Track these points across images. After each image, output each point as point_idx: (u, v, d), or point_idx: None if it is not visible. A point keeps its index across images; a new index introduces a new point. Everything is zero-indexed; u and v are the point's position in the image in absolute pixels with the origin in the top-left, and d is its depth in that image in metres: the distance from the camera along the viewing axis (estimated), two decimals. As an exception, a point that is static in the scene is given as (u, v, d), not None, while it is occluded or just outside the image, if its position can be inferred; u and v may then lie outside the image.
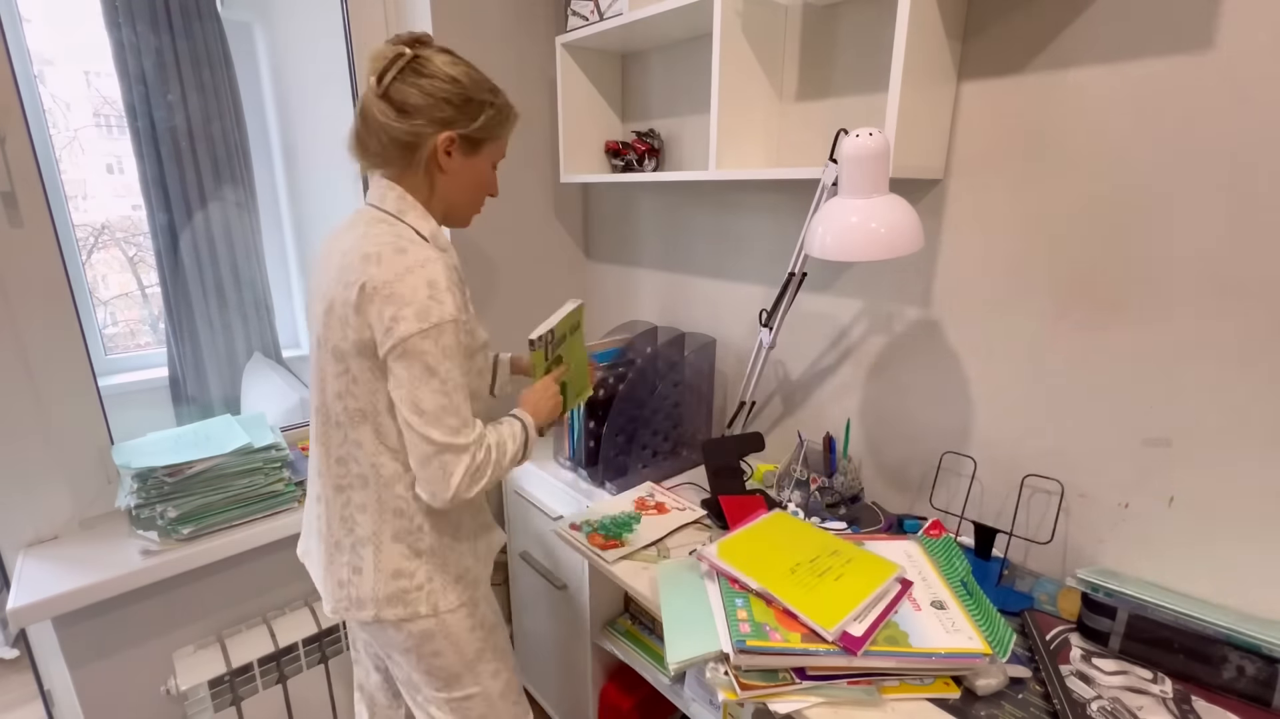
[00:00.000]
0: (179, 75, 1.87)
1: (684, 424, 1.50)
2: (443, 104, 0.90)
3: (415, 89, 0.89)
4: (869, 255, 0.95)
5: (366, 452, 0.93)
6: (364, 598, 0.95)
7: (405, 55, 0.89)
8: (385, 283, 0.84)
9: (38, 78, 1.81)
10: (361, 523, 0.95)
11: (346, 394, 0.91)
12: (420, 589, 0.96)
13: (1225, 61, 0.83)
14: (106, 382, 1.98)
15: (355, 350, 0.88)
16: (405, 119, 0.90)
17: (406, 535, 0.95)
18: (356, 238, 0.90)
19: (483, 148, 0.97)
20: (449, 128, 0.91)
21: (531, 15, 1.61)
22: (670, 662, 0.86)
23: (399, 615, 0.95)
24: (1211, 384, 0.90)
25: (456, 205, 1.00)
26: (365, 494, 0.94)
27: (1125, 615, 0.88)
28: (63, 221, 1.87)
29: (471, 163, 0.96)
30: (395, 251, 0.86)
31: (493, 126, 0.95)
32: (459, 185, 0.97)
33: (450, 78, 0.90)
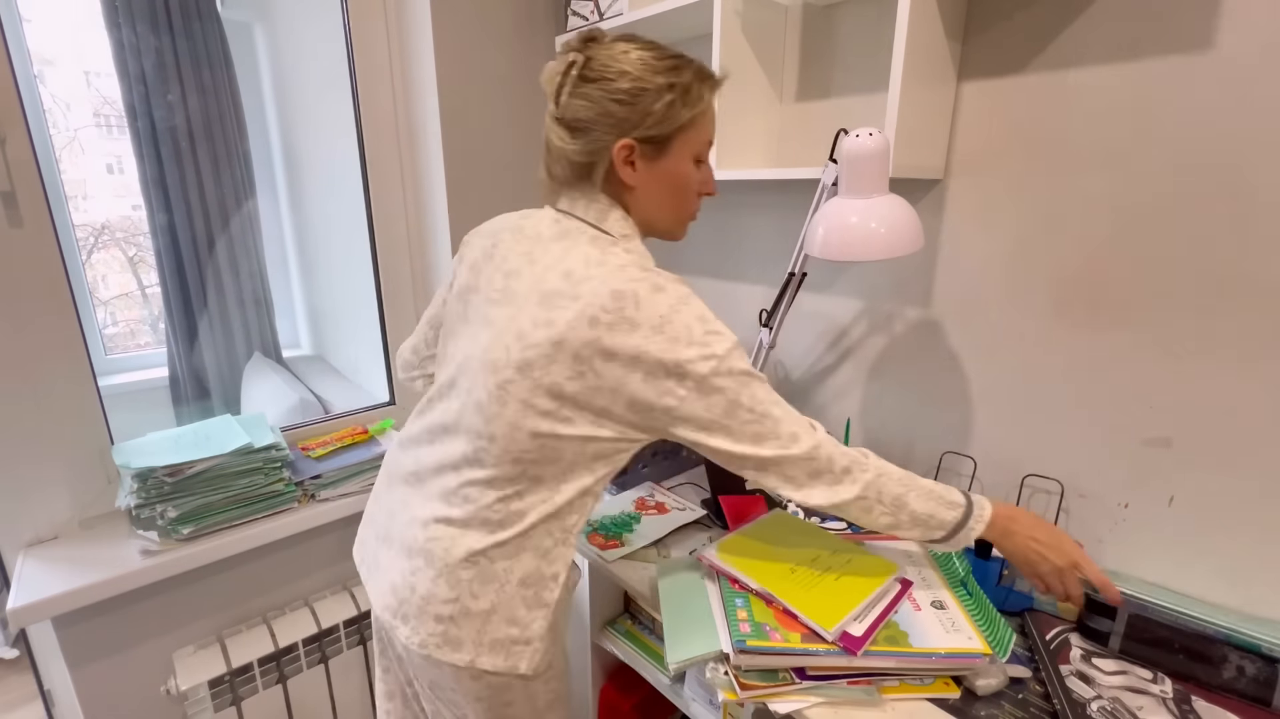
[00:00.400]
0: (179, 75, 1.87)
1: (684, 424, 1.49)
2: (612, 108, 0.76)
3: (583, 100, 0.77)
4: (869, 255, 0.95)
5: (542, 487, 0.80)
6: (463, 639, 0.80)
7: (576, 63, 0.77)
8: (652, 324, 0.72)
9: (38, 78, 1.81)
10: (505, 565, 0.80)
11: (549, 435, 0.77)
12: (529, 644, 0.82)
13: (1225, 61, 0.83)
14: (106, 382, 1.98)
15: (584, 396, 0.75)
16: (579, 138, 0.78)
17: (537, 582, 0.82)
18: (590, 263, 0.76)
19: (673, 143, 0.80)
20: (624, 134, 0.77)
21: (531, 15, 1.61)
22: (670, 662, 0.86)
23: (496, 668, 0.81)
24: (1211, 384, 0.90)
25: (659, 219, 0.85)
26: (525, 539, 0.81)
27: (1125, 615, 0.88)
28: (63, 221, 1.87)
29: (664, 165, 0.81)
30: (653, 290, 0.74)
31: (677, 114, 0.78)
32: (655, 198, 0.83)
33: (619, 72, 0.76)
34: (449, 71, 1.49)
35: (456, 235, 1.59)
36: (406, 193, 1.65)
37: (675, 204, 0.86)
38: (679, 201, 0.86)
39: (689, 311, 0.75)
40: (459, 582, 0.80)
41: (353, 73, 1.51)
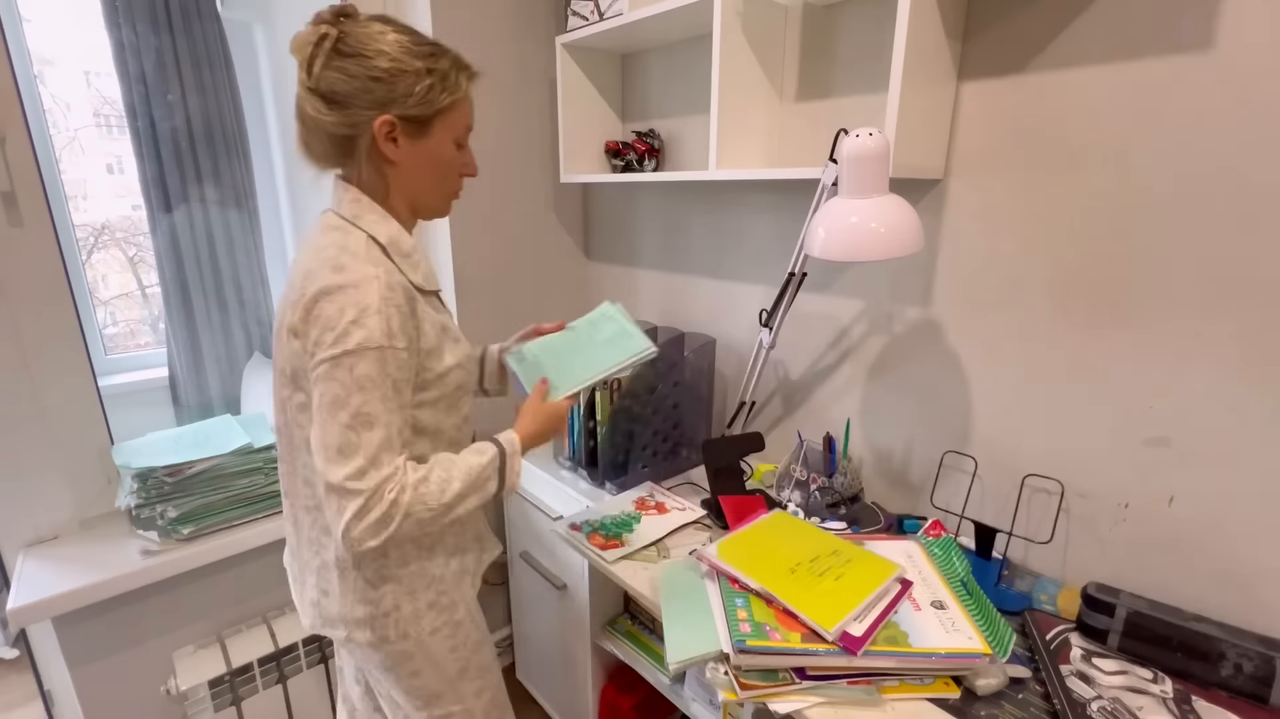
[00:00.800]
0: (179, 75, 1.87)
1: (684, 424, 1.50)
2: (370, 84, 0.78)
3: (339, 73, 0.78)
4: (869, 255, 0.95)
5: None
6: (333, 618, 0.91)
7: (329, 36, 0.78)
8: (314, 301, 0.77)
9: (38, 78, 1.81)
10: (327, 545, 0.90)
11: (302, 416, 0.84)
12: (388, 616, 0.90)
13: (1225, 61, 0.83)
14: (106, 381, 1.98)
15: (296, 374, 0.82)
16: (337, 110, 0.79)
17: (370, 562, 0.88)
18: (308, 249, 0.84)
19: (434, 125, 0.84)
20: (384, 110, 0.80)
21: (531, 15, 1.61)
22: (670, 662, 0.86)
23: (368, 639, 0.90)
24: (1211, 384, 0.90)
25: (422, 195, 0.89)
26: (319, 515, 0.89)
27: (1124, 613, 0.88)
28: (63, 221, 1.87)
29: (425, 145, 0.84)
30: (333, 270, 0.78)
31: (437, 97, 0.82)
32: (417, 174, 0.86)
33: (377, 50, 0.78)
34: (449, 71, 1.49)
35: (456, 235, 1.59)
36: (406, 193, 1.65)
37: (438, 182, 0.89)
38: (441, 180, 0.90)
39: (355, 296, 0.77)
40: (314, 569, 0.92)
41: (353, 73, 1.50)
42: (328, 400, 0.77)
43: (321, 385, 0.77)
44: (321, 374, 0.77)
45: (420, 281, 0.87)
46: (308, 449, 0.83)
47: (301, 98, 0.82)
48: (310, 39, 0.79)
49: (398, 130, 0.81)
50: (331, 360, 0.76)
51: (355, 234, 0.83)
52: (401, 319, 0.79)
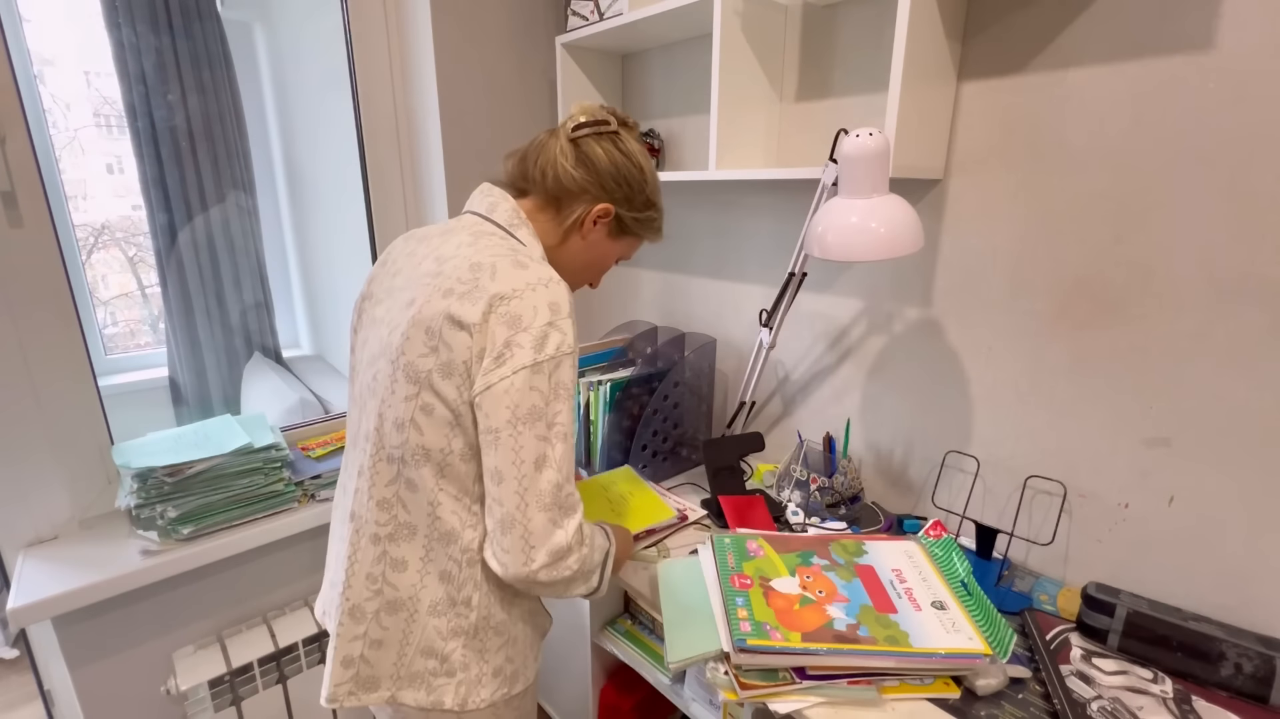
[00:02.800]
0: (179, 75, 1.87)
1: (684, 424, 1.50)
2: (620, 180, 0.86)
3: (604, 153, 0.85)
4: (869, 255, 0.95)
5: (423, 496, 0.76)
6: (379, 676, 0.80)
7: (611, 126, 0.87)
8: (501, 298, 0.71)
9: (38, 78, 1.81)
10: (396, 584, 0.78)
11: (412, 425, 0.74)
12: (452, 677, 0.79)
13: (1225, 61, 0.83)
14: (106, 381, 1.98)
15: (441, 373, 0.72)
16: (581, 169, 0.85)
17: (449, 608, 0.78)
18: (460, 245, 0.78)
19: (624, 238, 0.93)
20: (612, 201, 0.87)
21: (531, 15, 1.61)
22: (670, 661, 0.86)
23: (419, 703, 0.79)
24: (1211, 384, 0.90)
25: (569, 271, 0.91)
26: (409, 548, 0.78)
27: (1124, 613, 0.88)
28: (63, 221, 1.87)
29: (608, 244, 0.92)
30: (514, 265, 0.74)
31: (646, 226, 0.93)
32: (586, 256, 0.91)
33: (639, 165, 0.88)
34: (449, 71, 1.49)
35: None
36: (406, 192, 1.65)
37: (588, 272, 0.95)
38: (591, 273, 0.96)
39: (544, 294, 0.73)
40: (370, 615, 0.80)
41: (353, 73, 1.51)
42: (524, 413, 0.70)
43: (513, 398, 0.70)
44: (517, 384, 0.70)
45: None
46: (408, 461, 0.76)
47: (557, 136, 0.86)
48: (599, 115, 0.86)
49: (603, 220, 0.88)
50: (533, 366, 0.70)
51: (513, 240, 0.82)
52: (577, 327, 0.76)
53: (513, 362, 0.70)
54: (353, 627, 0.80)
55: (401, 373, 0.75)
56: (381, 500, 0.78)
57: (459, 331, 0.71)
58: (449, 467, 0.75)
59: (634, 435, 1.39)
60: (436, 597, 0.78)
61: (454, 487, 0.76)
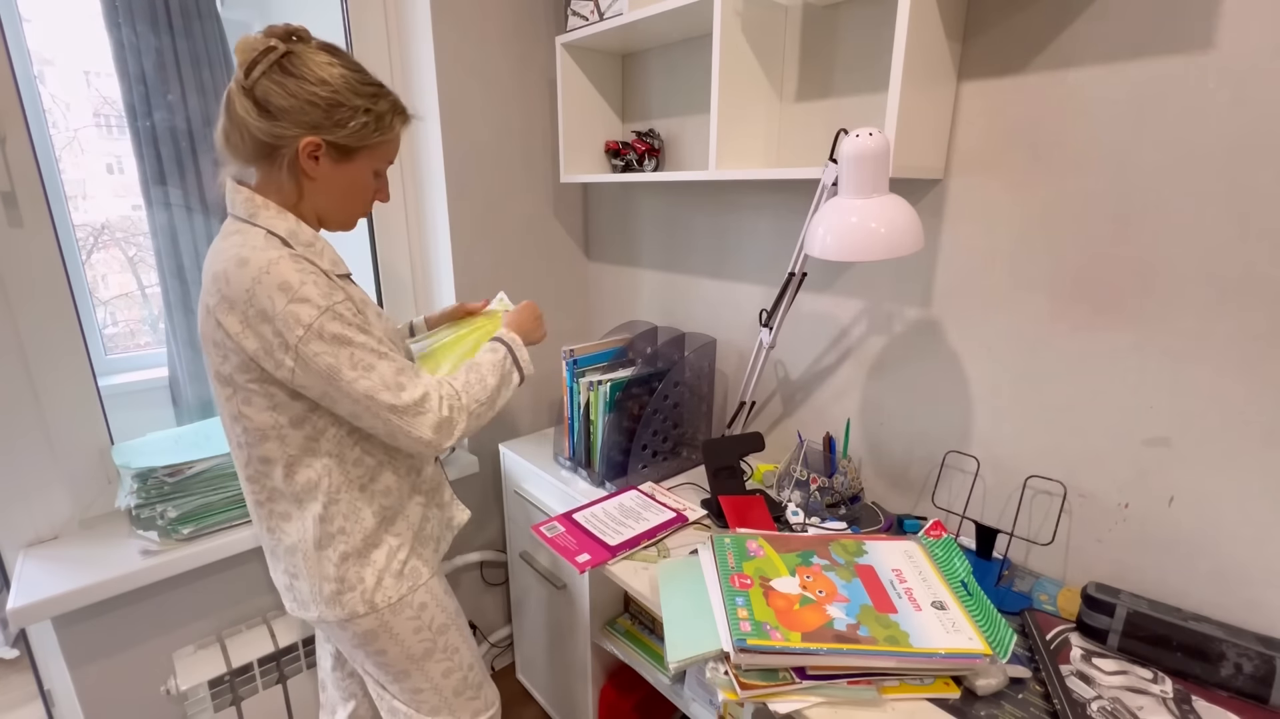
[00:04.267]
0: (179, 75, 1.87)
1: (684, 424, 1.50)
2: (307, 108, 0.83)
3: (280, 89, 0.83)
4: (869, 255, 0.95)
5: (276, 466, 0.91)
6: (305, 599, 0.97)
7: (276, 50, 0.83)
8: (244, 301, 0.80)
9: (38, 78, 1.81)
10: (287, 531, 0.94)
11: (242, 417, 0.88)
12: (353, 590, 0.95)
13: (1225, 61, 0.83)
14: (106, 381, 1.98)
15: (241, 371, 0.85)
16: (267, 119, 0.84)
17: (329, 540, 0.94)
18: (211, 255, 0.86)
19: (358, 155, 0.90)
20: (315, 133, 0.85)
21: (531, 15, 1.61)
22: (670, 661, 0.86)
23: (338, 617, 0.96)
24: (1211, 384, 0.90)
25: (331, 211, 0.93)
26: (284, 504, 0.93)
27: (1124, 613, 0.88)
28: (63, 221, 1.86)
29: (345, 169, 0.90)
30: (238, 264, 0.81)
31: (368, 134, 0.89)
32: (331, 192, 0.91)
33: (320, 79, 0.84)
34: (449, 71, 1.49)
35: (457, 234, 1.59)
36: (406, 192, 1.65)
37: (349, 204, 0.94)
38: (352, 203, 0.95)
39: (270, 281, 0.80)
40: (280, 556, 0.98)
41: (353, 73, 1.50)
42: (326, 373, 0.82)
43: (312, 369, 0.82)
44: (304, 361, 0.81)
45: (328, 267, 0.89)
46: (253, 444, 0.89)
47: (233, 94, 0.85)
48: (257, 46, 0.83)
49: (321, 151, 0.86)
50: (299, 344, 0.80)
51: (253, 231, 0.86)
52: (327, 285, 0.83)
53: (289, 346, 0.80)
54: (276, 564, 1.00)
55: (215, 380, 0.88)
56: (248, 477, 0.94)
57: (232, 339, 0.82)
58: (285, 437, 0.89)
59: (634, 435, 1.39)
60: (319, 533, 0.93)
61: (295, 449, 0.90)
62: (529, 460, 1.54)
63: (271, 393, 0.86)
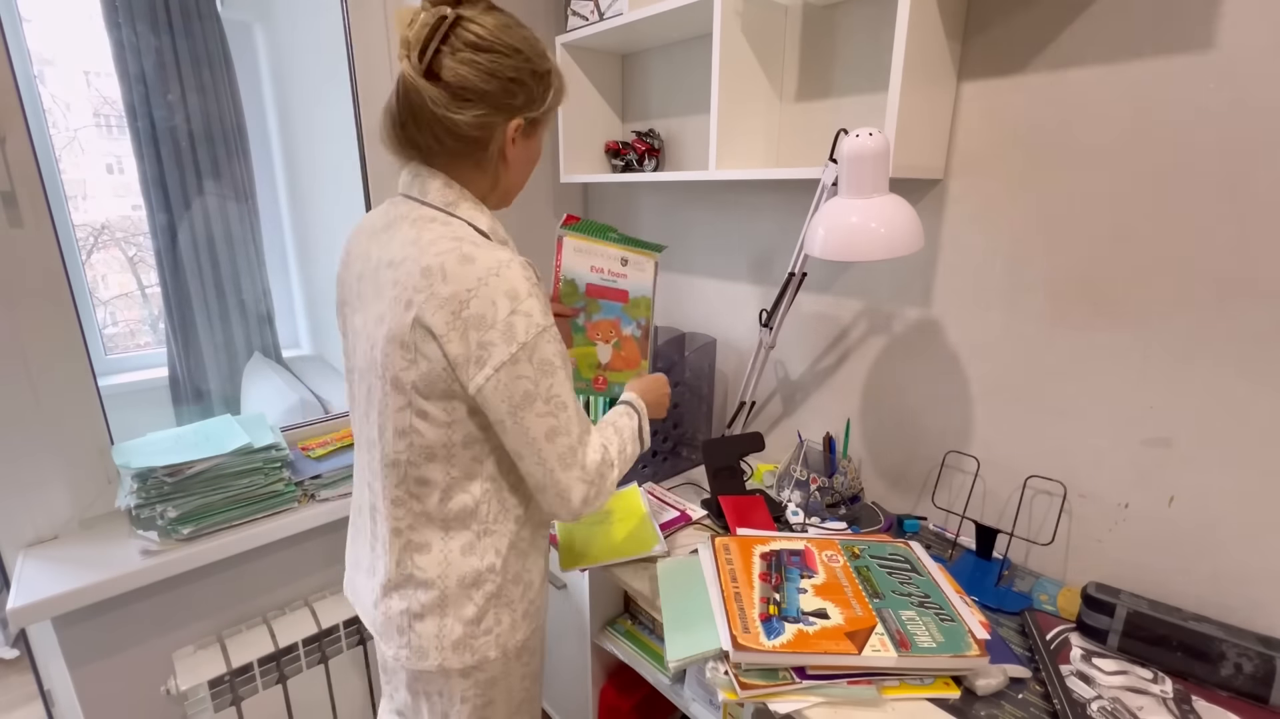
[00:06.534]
0: (179, 75, 1.87)
1: (684, 424, 1.50)
2: (512, 86, 0.73)
3: (472, 67, 0.71)
4: (869, 255, 0.95)
5: (435, 489, 0.80)
6: (426, 647, 0.83)
7: (448, 17, 0.70)
8: (459, 301, 0.69)
9: (38, 78, 1.81)
10: (423, 566, 0.81)
11: (412, 431, 0.77)
12: (489, 633, 0.84)
13: (1225, 61, 0.83)
14: (106, 381, 1.98)
15: (424, 383, 0.73)
16: (469, 107, 0.72)
17: (477, 578, 0.82)
18: (406, 244, 0.74)
19: (541, 125, 0.82)
20: (522, 113, 0.75)
21: (531, 15, 1.61)
22: (670, 660, 0.86)
23: (465, 663, 0.83)
24: (1211, 384, 0.90)
25: (509, 190, 0.85)
26: (428, 533, 0.81)
27: (1124, 613, 0.88)
28: (63, 221, 1.87)
29: (533, 142, 0.82)
30: (460, 261, 0.70)
31: (558, 99, 0.80)
32: (520, 170, 0.83)
33: (512, 48, 0.72)
34: (449, 71, 1.49)
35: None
36: (406, 193, 1.65)
37: (523, 180, 0.86)
38: (529, 174, 0.87)
39: (499, 285, 0.70)
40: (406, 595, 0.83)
41: (352, 73, 1.51)
42: (520, 400, 0.72)
43: (505, 390, 0.72)
44: (503, 379, 0.71)
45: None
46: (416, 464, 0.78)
47: (414, 86, 0.72)
48: (428, 21, 0.70)
49: (520, 131, 0.77)
50: (511, 360, 0.71)
51: (457, 224, 0.76)
52: (544, 300, 0.75)
53: (492, 361, 0.71)
54: (395, 603, 0.83)
55: (390, 386, 0.76)
56: (395, 499, 0.81)
57: (431, 342, 0.71)
58: (454, 457, 0.78)
59: (634, 435, 1.39)
60: (463, 570, 0.81)
61: (459, 471, 0.79)
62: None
63: (453, 408, 0.75)
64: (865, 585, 0.94)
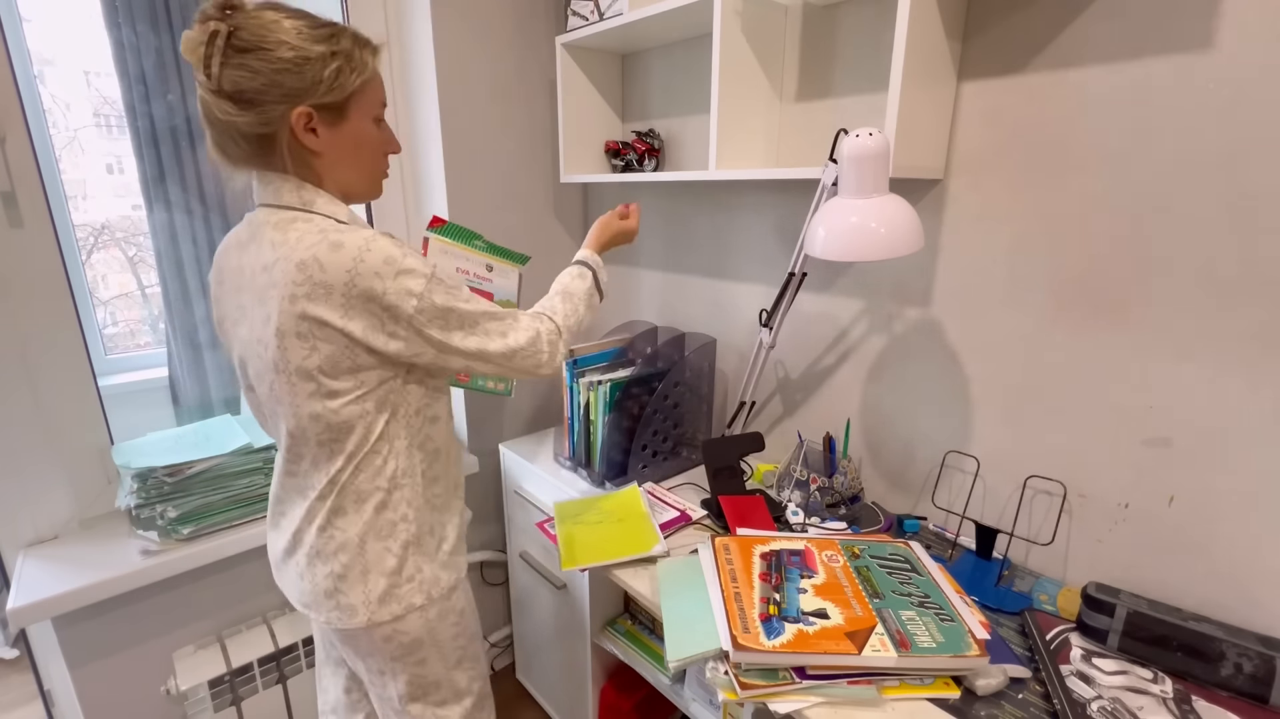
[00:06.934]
0: (179, 75, 1.87)
1: (684, 424, 1.50)
2: (280, 78, 0.75)
3: (245, 71, 0.74)
4: (869, 255, 0.95)
5: (350, 459, 0.86)
6: (355, 604, 0.89)
7: (220, 32, 0.74)
8: (346, 284, 0.75)
9: (38, 78, 1.81)
10: (342, 527, 0.88)
11: (325, 411, 0.82)
12: (411, 581, 0.91)
13: (1225, 61, 0.83)
14: (106, 381, 1.98)
15: (329, 364, 0.79)
16: (250, 109, 0.76)
17: (391, 529, 0.89)
18: (275, 245, 0.78)
19: (349, 108, 0.82)
20: (298, 101, 0.77)
21: (531, 15, 1.61)
22: (670, 660, 0.86)
23: (394, 613, 0.90)
24: (1212, 384, 0.90)
25: (352, 181, 0.87)
26: (346, 499, 0.87)
27: (1124, 613, 0.88)
28: (63, 221, 1.86)
29: (345, 129, 0.83)
30: (331, 249, 0.75)
31: (348, 80, 0.80)
32: (344, 160, 0.84)
33: (277, 41, 0.75)
34: (449, 71, 1.49)
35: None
36: (406, 192, 1.65)
37: (365, 164, 0.88)
38: (368, 163, 0.89)
39: (373, 258, 0.77)
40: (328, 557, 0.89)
41: (353, 73, 1.50)
42: (439, 341, 0.83)
43: (425, 337, 0.82)
44: (417, 331, 0.81)
45: None
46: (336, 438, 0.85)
47: (207, 102, 0.77)
48: (200, 39, 0.74)
49: (316, 120, 0.80)
50: (414, 315, 0.80)
51: (317, 218, 0.80)
52: (416, 252, 0.83)
53: (402, 318, 0.80)
54: (320, 567, 0.89)
55: (296, 377, 0.81)
56: (308, 475, 0.88)
57: (325, 329, 0.77)
58: (370, 425, 0.86)
59: (634, 435, 1.39)
60: (378, 524, 0.89)
61: (372, 436, 0.86)
62: (529, 460, 1.54)
63: (362, 379, 0.82)
64: (865, 585, 0.94)
